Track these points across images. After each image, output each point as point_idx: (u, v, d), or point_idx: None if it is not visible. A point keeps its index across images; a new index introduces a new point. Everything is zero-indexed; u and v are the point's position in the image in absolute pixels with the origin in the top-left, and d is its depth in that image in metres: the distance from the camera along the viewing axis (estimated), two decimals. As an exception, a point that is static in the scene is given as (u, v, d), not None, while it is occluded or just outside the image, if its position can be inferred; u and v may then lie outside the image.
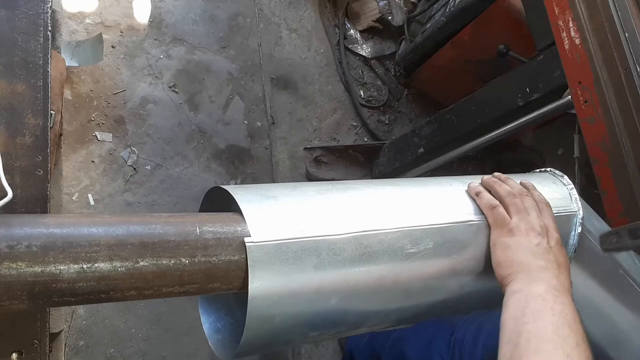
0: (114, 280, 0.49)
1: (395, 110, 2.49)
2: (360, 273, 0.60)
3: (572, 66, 1.21)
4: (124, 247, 0.50)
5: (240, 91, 2.14)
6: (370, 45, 2.51)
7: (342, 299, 0.61)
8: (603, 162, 1.14)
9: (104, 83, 1.89)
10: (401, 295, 0.65)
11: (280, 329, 0.59)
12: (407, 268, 0.64)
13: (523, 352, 0.55)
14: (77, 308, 1.61)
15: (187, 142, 1.97)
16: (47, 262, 0.47)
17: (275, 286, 0.56)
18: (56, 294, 0.47)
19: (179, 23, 2.11)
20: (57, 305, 0.49)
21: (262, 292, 0.55)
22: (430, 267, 0.66)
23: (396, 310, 0.67)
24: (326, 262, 0.58)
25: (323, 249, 0.58)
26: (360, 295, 0.62)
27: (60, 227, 0.49)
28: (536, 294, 0.61)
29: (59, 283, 0.47)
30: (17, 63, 0.68)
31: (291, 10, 2.40)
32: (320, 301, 0.59)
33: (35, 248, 0.46)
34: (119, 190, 1.80)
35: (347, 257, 0.60)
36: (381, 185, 0.72)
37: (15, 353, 0.60)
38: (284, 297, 0.57)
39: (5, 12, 0.69)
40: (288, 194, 0.64)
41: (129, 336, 1.65)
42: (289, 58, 2.31)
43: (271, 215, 0.59)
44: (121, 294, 0.50)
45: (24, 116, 0.66)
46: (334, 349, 1.93)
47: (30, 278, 0.45)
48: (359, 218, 0.63)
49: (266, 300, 0.55)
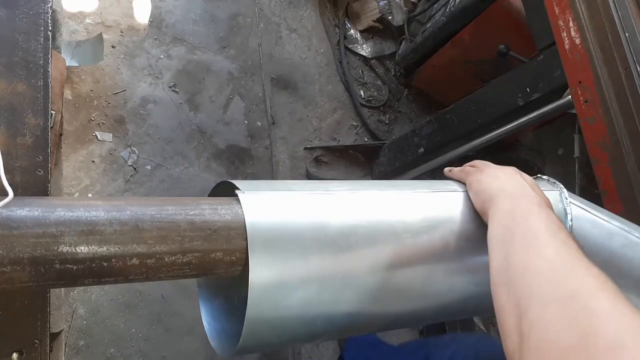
0: (115, 244, 0.49)
1: (395, 110, 2.49)
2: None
3: (572, 66, 1.21)
4: (123, 211, 0.51)
5: (240, 91, 2.14)
6: (370, 45, 2.51)
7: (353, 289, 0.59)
8: (603, 162, 1.14)
9: (104, 83, 1.89)
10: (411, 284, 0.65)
11: (285, 318, 0.57)
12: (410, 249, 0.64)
13: (519, 246, 0.55)
14: (77, 308, 1.61)
15: (187, 142, 1.97)
16: (47, 224, 0.47)
17: (278, 262, 0.54)
18: (58, 259, 0.46)
19: (179, 23, 2.11)
20: (59, 280, 0.48)
21: (264, 268, 0.53)
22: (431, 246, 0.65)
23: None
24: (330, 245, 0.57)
25: (330, 230, 0.58)
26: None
27: (60, 200, 0.51)
28: (522, 206, 0.62)
29: (61, 246, 0.47)
30: (17, 63, 0.68)
31: (291, 10, 2.40)
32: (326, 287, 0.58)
33: (37, 212, 0.47)
34: (119, 190, 1.80)
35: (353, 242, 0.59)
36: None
37: (15, 353, 0.60)
38: (288, 278, 0.55)
39: (6, 12, 0.69)
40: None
41: (129, 336, 1.65)
42: (289, 58, 2.32)
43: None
44: (123, 262, 0.49)
45: (25, 116, 0.66)
46: (334, 349, 1.93)
47: (31, 239, 0.45)
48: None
49: (269, 279, 0.53)
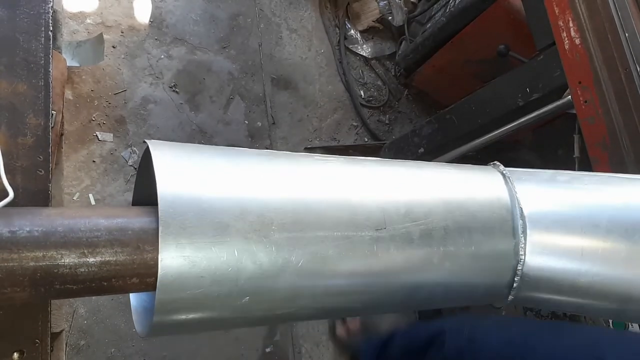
0: (115, 265, 0.49)
1: (395, 110, 2.50)
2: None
3: (572, 66, 1.21)
4: (125, 232, 0.50)
5: (240, 91, 2.14)
6: (370, 46, 2.51)
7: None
8: (603, 162, 1.14)
9: (105, 83, 1.89)
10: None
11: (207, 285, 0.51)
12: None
13: None
14: (78, 308, 1.61)
15: (187, 142, 1.97)
16: (48, 246, 0.46)
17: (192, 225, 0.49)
18: (58, 280, 0.46)
19: (179, 23, 2.11)
20: (59, 296, 0.48)
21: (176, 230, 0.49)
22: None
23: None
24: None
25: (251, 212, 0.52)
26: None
27: (61, 215, 0.50)
28: None
29: (61, 268, 0.46)
30: (18, 63, 0.68)
31: (292, 10, 2.40)
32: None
33: (37, 233, 0.46)
34: (119, 190, 1.80)
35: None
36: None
37: (17, 352, 0.60)
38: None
39: (7, 12, 0.69)
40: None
41: (129, 336, 1.65)
42: (289, 58, 2.32)
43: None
44: (123, 281, 0.49)
45: (26, 116, 0.66)
46: (334, 349, 1.93)
47: (31, 263, 0.45)
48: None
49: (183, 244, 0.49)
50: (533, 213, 0.69)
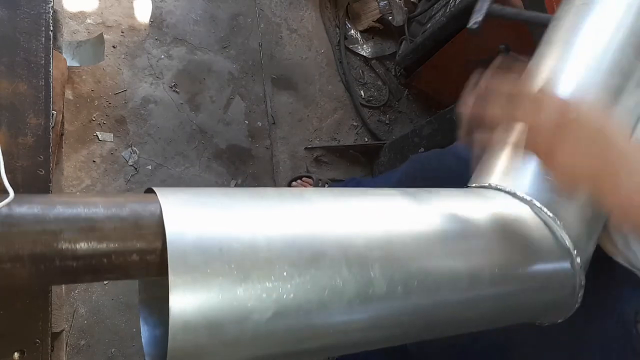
0: (115, 240, 0.49)
1: (395, 110, 2.50)
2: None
3: (572, 66, 1.21)
4: (122, 207, 0.50)
5: (241, 91, 2.14)
6: (370, 46, 2.51)
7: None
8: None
9: (105, 83, 1.89)
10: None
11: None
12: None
13: None
14: (78, 308, 1.61)
15: (188, 142, 1.97)
16: (47, 221, 0.47)
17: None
18: (58, 256, 0.46)
19: (180, 23, 2.11)
20: (60, 278, 0.48)
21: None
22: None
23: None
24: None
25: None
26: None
27: (59, 197, 0.51)
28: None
29: (60, 242, 0.46)
30: (18, 63, 0.68)
31: (292, 10, 2.40)
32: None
33: (36, 209, 0.47)
34: (120, 190, 1.80)
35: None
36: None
37: (17, 352, 0.60)
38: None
39: (7, 12, 0.69)
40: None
41: (130, 336, 1.65)
42: (289, 58, 2.32)
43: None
44: (123, 258, 0.49)
45: (26, 116, 0.66)
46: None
47: (31, 237, 0.45)
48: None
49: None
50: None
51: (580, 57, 0.81)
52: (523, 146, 0.59)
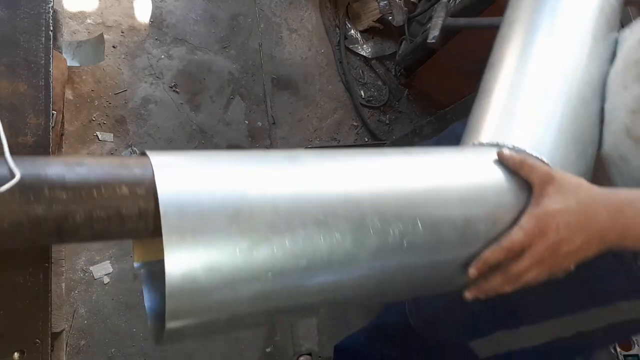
0: (101, 173, 0.49)
1: (395, 110, 2.50)
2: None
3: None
4: (108, 157, 0.54)
5: (241, 91, 2.14)
6: (370, 46, 2.51)
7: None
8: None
9: (105, 83, 1.89)
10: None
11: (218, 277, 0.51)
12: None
13: None
14: (78, 308, 1.61)
15: (188, 142, 1.97)
16: (35, 157, 0.48)
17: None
18: (46, 184, 0.46)
19: (180, 23, 2.11)
20: (47, 211, 0.46)
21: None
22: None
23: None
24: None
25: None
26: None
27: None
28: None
29: (48, 171, 0.47)
30: (19, 63, 0.68)
31: (292, 10, 2.40)
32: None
33: (24, 151, 0.49)
34: (120, 190, 1.80)
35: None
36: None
37: (17, 352, 0.60)
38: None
39: (7, 12, 0.69)
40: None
41: (130, 336, 1.65)
42: (289, 58, 2.32)
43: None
44: (112, 190, 0.49)
45: (26, 116, 0.66)
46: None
47: (20, 172, 0.45)
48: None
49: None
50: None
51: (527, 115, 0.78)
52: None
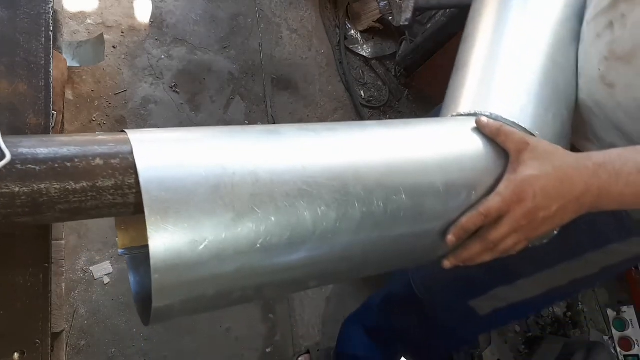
0: (74, 146, 0.49)
1: (395, 110, 2.50)
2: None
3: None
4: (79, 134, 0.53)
5: (241, 91, 2.14)
6: (370, 46, 2.51)
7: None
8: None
9: (105, 83, 1.89)
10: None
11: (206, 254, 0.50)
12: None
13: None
14: (78, 308, 1.61)
15: (188, 143, 1.97)
16: (9, 140, 0.47)
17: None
18: (19, 159, 0.46)
19: (180, 23, 2.11)
20: (21, 182, 0.45)
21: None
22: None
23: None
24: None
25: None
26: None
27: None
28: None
29: (20, 148, 0.46)
30: (18, 63, 0.68)
31: (292, 10, 2.40)
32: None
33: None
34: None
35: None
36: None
37: (17, 353, 0.60)
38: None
39: (7, 13, 0.69)
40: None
41: (130, 336, 1.65)
42: (289, 58, 2.32)
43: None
44: (87, 162, 0.48)
45: (26, 116, 0.66)
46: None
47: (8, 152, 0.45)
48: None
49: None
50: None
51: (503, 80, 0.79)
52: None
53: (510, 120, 0.71)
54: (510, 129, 0.67)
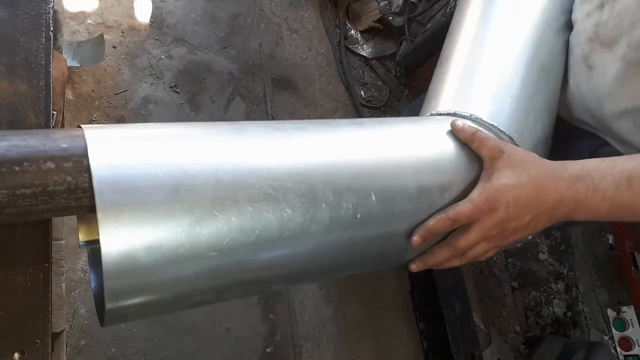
0: (24, 148, 0.46)
1: (396, 110, 2.50)
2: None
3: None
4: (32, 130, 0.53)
5: (241, 91, 2.14)
6: (370, 46, 2.51)
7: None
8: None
9: (105, 83, 1.89)
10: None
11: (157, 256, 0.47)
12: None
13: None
14: (78, 308, 1.61)
15: (188, 142, 1.97)
16: None
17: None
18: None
19: (180, 23, 2.11)
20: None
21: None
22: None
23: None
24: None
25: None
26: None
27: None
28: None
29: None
30: (19, 63, 0.68)
31: (292, 10, 2.40)
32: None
33: None
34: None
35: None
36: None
37: (17, 353, 0.60)
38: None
39: (7, 13, 0.69)
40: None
41: (130, 336, 1.65)
42: (289, 58, 2.32)
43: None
44: (37, 165, 0.45)
45: (26, 116, 0.66)
46: (335, 348, 1.93)
47: None
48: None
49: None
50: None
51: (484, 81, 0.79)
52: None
53: (488, 122, 0.70)
54: (485, 135, 0.65)
